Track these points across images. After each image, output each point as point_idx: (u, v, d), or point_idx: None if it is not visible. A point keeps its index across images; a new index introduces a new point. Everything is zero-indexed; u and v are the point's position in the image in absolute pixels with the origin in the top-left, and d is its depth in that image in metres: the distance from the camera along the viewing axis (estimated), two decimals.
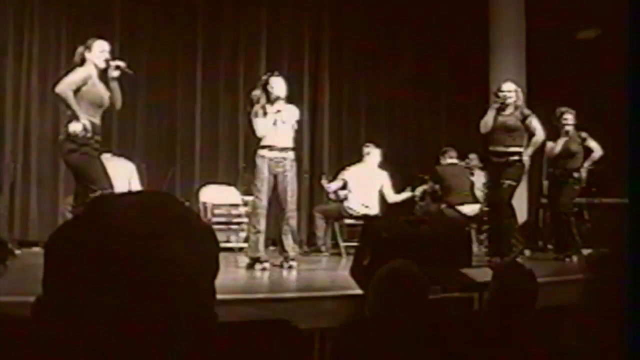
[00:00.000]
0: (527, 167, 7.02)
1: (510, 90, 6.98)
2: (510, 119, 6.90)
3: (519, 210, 7.52)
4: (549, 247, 8.24)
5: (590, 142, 7.44)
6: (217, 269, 0.88)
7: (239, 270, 6.46)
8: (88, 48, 5.53)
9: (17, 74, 8.88)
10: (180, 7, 9.80)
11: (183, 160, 9.65)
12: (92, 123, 5.46)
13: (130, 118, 9.26)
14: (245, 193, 8.62)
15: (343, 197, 8.32)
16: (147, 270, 0.79)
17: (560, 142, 7.45)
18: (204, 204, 8.50)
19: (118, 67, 5.57)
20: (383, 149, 8.72)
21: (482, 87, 10.00)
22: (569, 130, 7.41)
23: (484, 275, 4.17)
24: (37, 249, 7.74)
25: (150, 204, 0.86)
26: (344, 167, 8.78)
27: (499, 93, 7.01)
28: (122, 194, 0.90)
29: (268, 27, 10.26)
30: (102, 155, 5.98)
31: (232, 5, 10.11)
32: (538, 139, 6.94)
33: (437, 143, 9.75)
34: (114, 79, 5.62)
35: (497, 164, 6.97)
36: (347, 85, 10.75)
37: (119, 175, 7.52)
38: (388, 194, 8.41)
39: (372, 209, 8.20)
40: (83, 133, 5.35)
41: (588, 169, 7.50)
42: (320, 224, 8.48)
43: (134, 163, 8.03)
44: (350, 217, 8.29)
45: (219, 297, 0.89)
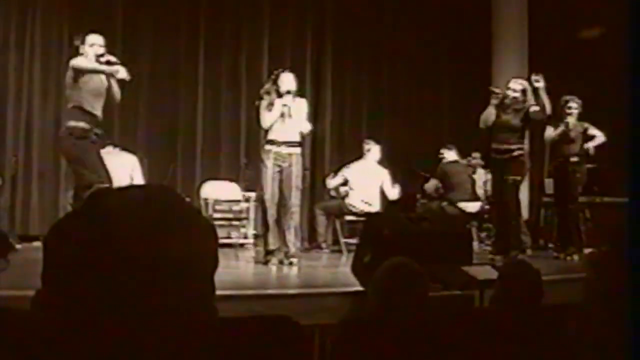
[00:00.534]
0: (528, 163, 7.01)
1: (516, 90, 6.95)
2: (513, 118, 6.89)
3: (521, 209, 7.50)
4: (550, 245, 8.23)
5: (592, 130, 7.35)
6: (216, 264, 0.88)
7: (240, 266, 6.47)
8: (82, 42, 5.57)
9: (19, 68, 8.87)
10: (183, 2, 9.79)
11: (184, 156, 9.65)
12: (92, 115, 5.49)
13: (132, 114, 9.26)
14: (247, 189, 8.63)
15: (344, 193, 8.32)
16: (146, 265, 0.79)
17: (560, 129, 7.38)
18: (205, 200, 8.51)
19: (109, 61, 5.58)
20: (385, 146, 8.72)
21: (484, 84, 9.98)
22: (569, 119, 7.34)
23: (485, 273, 4.17)
24: (38, 243, 7.73)
25: (149, 198, 0.86)
26: (345, 164, 8.78)
27: (506, 91, 6.98)
28: (121, 188, 0.89)
29: (270, 22, 10.25)
30: (104, 149, 6.00)
31: (234, 1, 10.10)
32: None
33: (439, 140, 9.74)
34: (108, 75, 5.64)
35: (499, 161, 6.97)
36: (349, 82, 10.74)
37: (121, 169, 7.53)
38: (388, 191, 8.40)
39: (373, 206, 8.19)
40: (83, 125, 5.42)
41: (587, 168, 7.47)
42: (321, 221, 8.48)
43: (137, 156, 8.04)
44: (351, 214, 8.29)
45: (220, 292, 0.89)
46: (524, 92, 6.93)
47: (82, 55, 5.59)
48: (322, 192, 9.84)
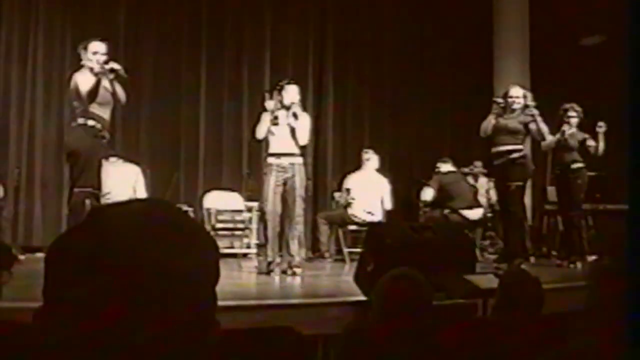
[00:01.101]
0: (532, 167, 6.98)
1: (519, 96, 6.98)
2: (513, 122, 6.90)
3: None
4: (553, 253, 8.22)
5: (590, 142, 7.32)
6: (217, 275, 0.88)
7: (243, 277, 6.47)
8: (85, 49, 5.60)
9: (21, 80, 8.90)
10: (185, 12, 9.83)
11: (187, 166, 9.66)
12: (102, 118, 5.54)
13: (135, 124, 9.28)
14: (249, 199, 8.63)
15: (346, 202, 8.29)
16: (147, 278, 0.79)
17: (557, 137, 7.37)
18: (208, 210, 8.50)
19: (112, 69, 5.61)
20: (387, 155, 8.73)
21: (486, 93, 10.00)
22: (565, 127, 7.32)
23: (488, 282, 4.16)
24: (41, 255, 7.73)
25: (149, 212, 0.86)
26: (345, 175, 8.77)
27: (507, 98, 7.00)
28: (122, 203, 0.90)
29: (272, 32, 10.28)
30: (108, 160, 6.02)
31: (236, 11, 10.13)
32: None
33: (441, 149, 9.75)
34: (112, 80, 5.67)
35: (500, 166, 6.96)
36: (351, 91, 10.76)
37: (124, 180, 7.55)
38: (387, 203, 8.38)
39: (375, 216, 8.19)
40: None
41: (589, 175, 7.45)
42: (324, 230, 8.48)
43: (139, 167, 8.05)
44: (354, 223, 8.29)
45: (222, 303, 0.89)
46: (525, 96, 6.98)
47: (83, 68, 5.61)
48: (324, 201, 9.85)
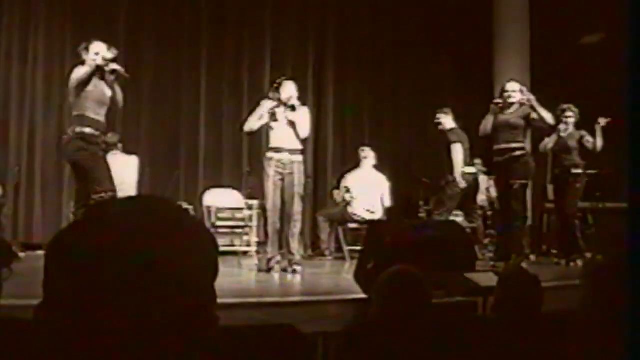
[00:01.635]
0: (533, 164, 6.98)
1: (515, 90, 6.99)
2: (513, 117, 6.90)
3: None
4: (553, 251, 8.22)
5: (588, 138, 7.35)
6: (216, 272, 0.89)
7: (243, 274, 6.46)
8: (86, 49, 5.57)
9: (22, 78, 8.91)
10: (185, 11, 9.83)
11: (187, 164, 9.67)
12: (98, 122, 5.51)
13: (135, 122, 9.28)
14: (249, 197, 8.63)
15: (348, 200, 8.27)
16: (146, 274, 0.80)
17: (554, 137, 7.39)
18: (208, 208, 8.51)
19: (114, 70, 5.59)
20: (386, 154, 8.71)
21: (486, 91, 9.99)
22: (561, 126, 7.34)
23: (488, 280, 4.16)
24: (41, 252, 7.74)
25: (149, 209, 0.86)
26: (343, 173, 8.75)
27: (504, 93, 7.01)
28: (121, 199, 0.90)
29: (272, 30, 10.28)
30: (108, 153, 6.03)
31: (236, 9, 10.12)
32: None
33: (441, 148, 9.72)
34: (113, 81, 5.65)
35: (501, 163, 6.94)
36: (351, 89, 10.75)
37: (128, 169, 7.60)
38: (386, 200, 8.36)
39: (376, 214, 8.18)
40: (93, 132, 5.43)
41: (588, 174, 7.46)
42: (324, 228, 8.48)
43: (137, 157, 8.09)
44: (354, 222, 8.29)
45: (222, 301, 0.89)
46: (521, 91, 7.00)
47: (83, 66, 5.60)
48: (324, 199, 9.85)
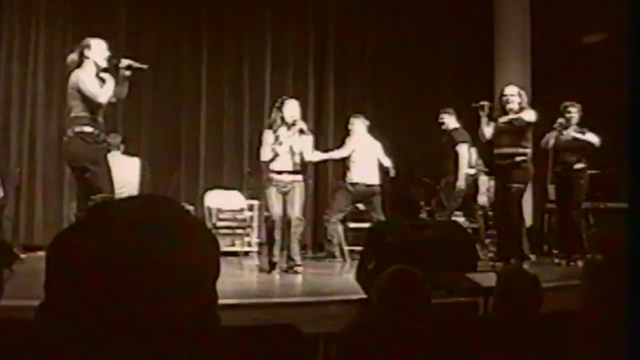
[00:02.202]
0: (532, 169, 6.98)
1: (514, 94, 6.99)
2: (514, 121, 6.90)
3: (525, 215, 7.48)
4: (554, 252, 8.21)
5: (588, 134, 7.31)
6: (218, 272, 0.89)
7: (244, 275, 6.47)
8: (87, 47, 5.54)
9: (22, 79, 8.91)
10: (185, 11, 9.83)
11: (188, 165, 9.67)
12: (97, 121, 5.52)
13: (135, 123, 9.28)
14: (250, 197, 8.62)
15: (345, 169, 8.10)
16: (147, 274, 0.80)
17: (554, 133, 7.36)
18: (209, 209, 8.51)
19: (130, 66, 5.60)
20: (388, 154, 8.64)
21: (487, 92, 9.98)
22: (560, 120, 7.32)
23: (489, 280, 4.16)
24: (42, 253, 7.73)
25: (151, 209, 0.86)
26: (342, 142, 8.52)
27: (502, 97, 7.02)
28: (123, 199, 0.90)
29: (273, 30, 10.28)
30: (109, 153, 6.03)
31: (236, 10, 10.12)
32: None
33: (441, 149, 9.71)
34: (126, 78, 5.65)
35: (502, 167, 6.95)
36: (351, 89, 10.75)
37: (130, 171, 7.60)
38: (383, 160, 8.19)
39: (374, 178, 8.02)
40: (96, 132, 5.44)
41: (590, 174, 7.44)
42: (335, 229, 8.06)
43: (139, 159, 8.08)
44: (355, 190, 8.01)
45: (224, 301, 0.89)
46: (520, 95, 6.97)
47: (84, 62, 5.57)
48: (324, 199, 9.81)
